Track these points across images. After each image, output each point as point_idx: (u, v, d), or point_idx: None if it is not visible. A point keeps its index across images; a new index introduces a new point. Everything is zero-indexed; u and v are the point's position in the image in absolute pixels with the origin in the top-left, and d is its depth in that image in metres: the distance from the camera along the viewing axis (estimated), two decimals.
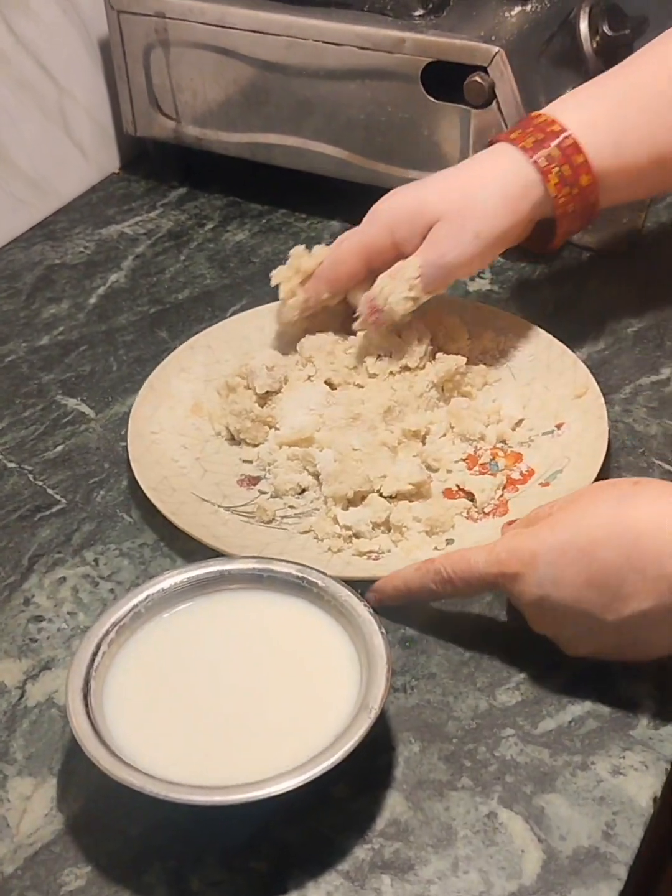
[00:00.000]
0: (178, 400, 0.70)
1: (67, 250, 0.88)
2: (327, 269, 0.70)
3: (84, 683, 0.48)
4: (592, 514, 0.50)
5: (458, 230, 0.66)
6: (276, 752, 0.47)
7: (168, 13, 0.85)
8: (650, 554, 0.48)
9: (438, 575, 0.54)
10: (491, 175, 0.66)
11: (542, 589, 0.51)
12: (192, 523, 0.61)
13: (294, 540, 0.62)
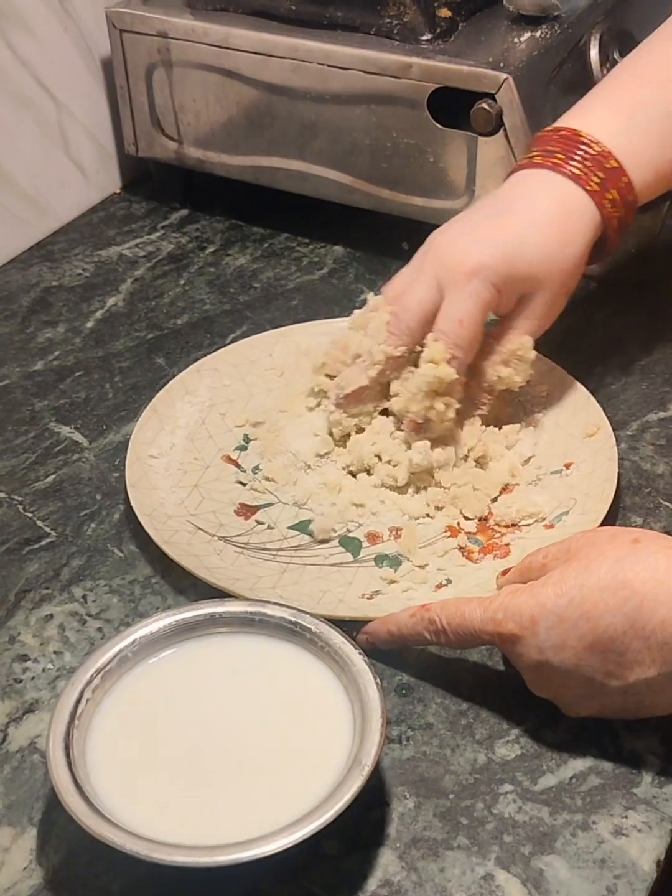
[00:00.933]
0: (181, 424, 0.69)
1: (65, 272, 0.87)
2: (467, 356, 0.64)
3: (66, 732, 0.47)
4: (593, 575, 0.48)
5: (559, 297, 0.65)
6: (266, 808, 0.46)
7: (171, 33, 0.84)
8: (654, 620, 0.46)
9: (433, 624, 0.52)
10: (574, 233, 0.64)
11: (542, 654, 0.49)
12: (184, 553, 0.59)
13: (288, 574, 0.60)
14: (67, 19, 0.87)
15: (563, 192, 0.63)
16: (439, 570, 0.61)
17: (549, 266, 0.63)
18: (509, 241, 0.62)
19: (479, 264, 0.61)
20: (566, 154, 0.64)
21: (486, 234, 0.63)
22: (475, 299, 0.62)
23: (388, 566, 0.61)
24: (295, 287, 0.84)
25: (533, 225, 0.63)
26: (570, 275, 0.65)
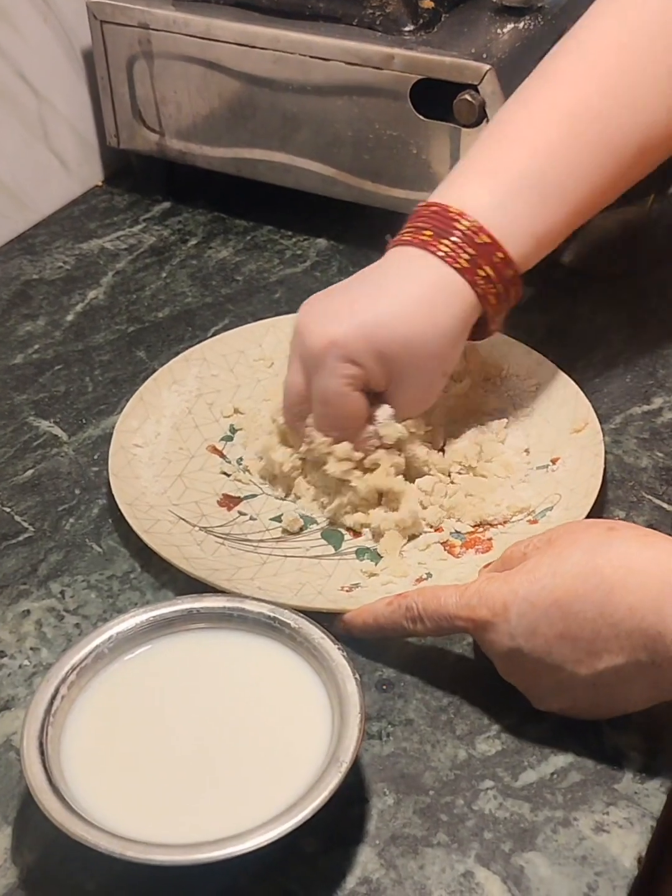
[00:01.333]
0: (167, 413, 0.69)
1: (46, 265, 0.86)
2: (347, 429, 0.61)
3: (41, 729, 0.46)
4: (566, 562, 0.48)
5: (432, 379, 0.62)
6: (243, 806, 0.45)
7: (152, 24, 0.83)
8: (623, 608, 0.46)
9: (410, 611, 0.52)
10: (441, 311, 0.60)
11: (513, 640, 0.48)
12: (163, 543, 0.59)
13: (268, 565, 0.60)
14: (48, 10, 0.86)
15: (431, 272, 0.60)
16: (420, 563, 0.60)
17: (414, 348, 0.59)
18: (368, 317, 0.59)
19: (331, 341, 0.58)
20: (435, 231, 0.60)
21: (345, 310, 0.60)
22: (333, 375, 0.59)
23: (368, 559, 0.61)
24: (278, 280, 0.84)
25: (397, 305, 0.59)
26: (442, 357, 0.61)
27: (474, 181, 0.62)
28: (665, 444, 0.67)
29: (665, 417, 0.69)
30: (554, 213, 0.62)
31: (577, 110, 0.62)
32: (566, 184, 0.62)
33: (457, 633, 0.53)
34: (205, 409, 0.70)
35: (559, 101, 0.63)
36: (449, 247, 0.60)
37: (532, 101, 0.64)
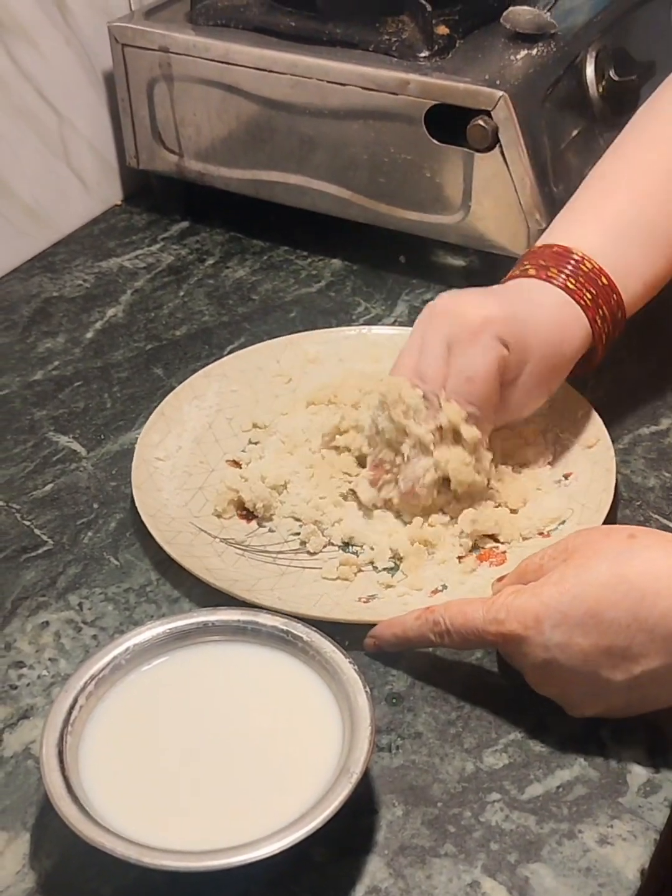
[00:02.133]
0: (188, 427, 0.70)
1: (66, 283, 0.88)
2: (486, 410, 0.62)
3: (60, 738, 0.47)
4: (593, 572, 0.49)
5: (543, 385, 0.65)
6: (256, 815, 0.46)
7: (172, 48, 0.85)
8: (656, 613, 0.47)
9: (437, 626, 0.53)
10: (568, 330, 0.64)
11: (548, 652, 0.50)
12: (185, 554, 0.60)
13: (287, 576, 0.61)
14: (70, 33, 0.88)
15: (559, 300, 0.64)
16: (435, 574, 0.62)
17: (546, 348, 0.63)
18: (517, 309, 0.63)
19: (487, 318, 0.61)
20: (559, 269, 0.64)
21: (492, 300, 0.63)
22: (484, 354, 0.61)
23: (385, 571, 0.62)
24: (293, 299, 0.85)
25: (537, 309, 0.63)
26: (559, 373, 0.65)
27: (589, 224, 0.67)
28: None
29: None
30: (660, 258, 0.67)
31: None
32: (667, 229, 0.66)
33: (484, 647, 0.54)
34: (224, 423, 0.71)
35: (655, 153, 0.68)
36: (574, 283, 0.64)
37: (630, 155, 0.69)
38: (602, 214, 0.67)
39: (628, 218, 0.66)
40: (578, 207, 0.68)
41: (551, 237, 0.67)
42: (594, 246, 0.65)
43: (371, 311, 0.83)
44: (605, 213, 0.67)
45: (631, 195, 0.67)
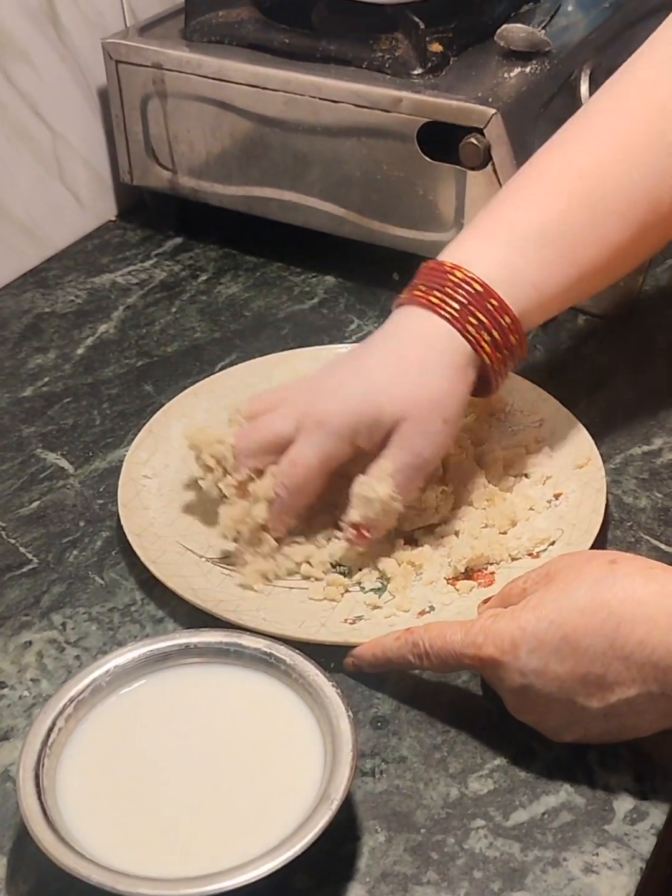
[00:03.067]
0: (176, 445, 0.70)
1: (58, 298, 0.88)
2: (291, 499, 0.61)
3: (37, 761, 0.47)
4: (571, 598, 0.49)
5: (428, 425, 0.60)
6: (235, 841, 0.46)
7: (166, 65, 0.85)
8: (633, 640, 0.47)
9: (416, 647, 0.52)
10: (431, 358, 0.60)
11: (524, 678, 0.49)
12: (170, 574, 0.60)
13: (273, 597, 0.61)
14: (64, 50, 0.88)
15: (422, 324, 0.61)
16: (423, 596, 0.61)
17: (401, 400, 0.60)
18: (358, 387, 0.60)
19: (325, 415, 0.60)
20: (428, 285, 0.62)
21: (339, 383, 0.61)
22: (314, 448, 0.60)
23: (372, 592, 0.61)
24: (285, 316, 0.85)
25: (380, 365, 0.61)
26: (437, 402, 0.60)
27: (476, 238, 0.64)
28: (664, 485, 0.68)
29: (665, 458, 0.70)
30: (558, 270, 0.63)
31: (587, 176, 0.63)
32: (573, 243, 0.62)
33: (462, 670, 0.54)
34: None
35: (570, 167, 0.64)
36: (438, 297, 0.61)
37: (543, 165, 0.65)
38: (495, 227, 0.63)
39: (522, 229, 0.62)
40: (475, 222, 0.65)
41: (447, 253, 0.64)
42: (474, 256, 0.62)
43: (364, 328, 0.83)
44: (498, 226, 0.63)
45: (532, 208, 0.63)
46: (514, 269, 0.62)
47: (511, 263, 0.62)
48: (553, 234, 0.62)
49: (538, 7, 0.90)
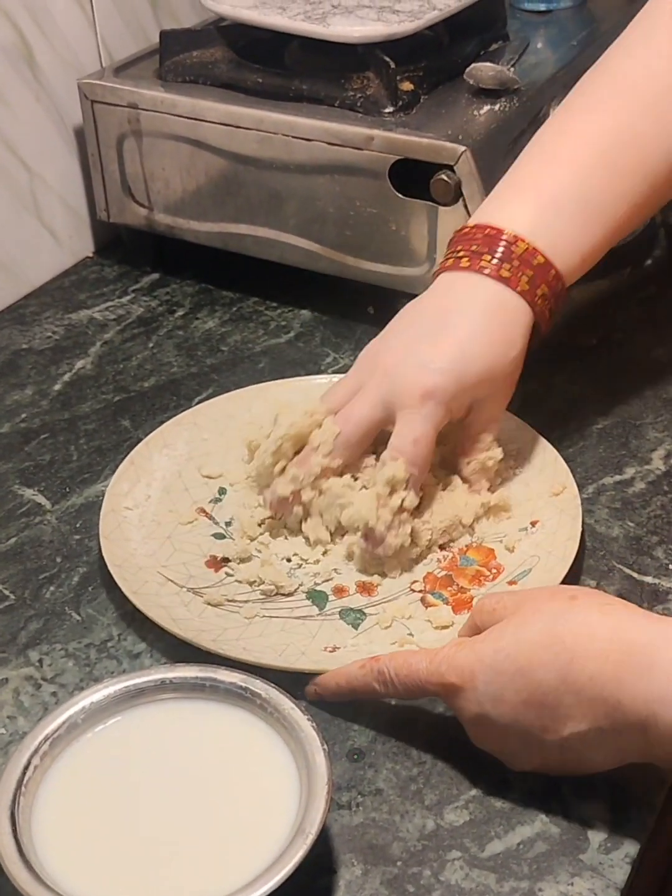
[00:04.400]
0: (158, 476, 0.70)
1: (35, 335, 0.88)
2: (422, 472, 0.64)
3: (12, 800, 0.47)
4: (528, 631, 0.49)
5: (507, 392, 0.68)
6: (210, 877, 0.46)
7: (141, 104, 0.86)
8: (584, 676, 0.47)
9: (381, 675, 0.53)
10: (515, 335, 0.65)
11: (481, 707, 0.50)
12: (151, 604, 0.60)
13: (253, 626, 0.61)
14: (40, 90, 0.89)
15: (496, 297, 0.65)
16: (402, 623, 0.61)
17: (494, 373, 0.65)
18: (456, 360, 0.64)
19: (432, 388, 0.63)
20: (492, 254, 0.65)
21: (432, 356, 0.63)
22: (429, 421, 0.63)
23: (352, 620, 0.62)
24: (262, 350, 0.86)
25: (473, 338, 0.64)
26: (514, 372, 0.67)
27: (518, 200, 0.67)
28: (636, 514, 0.69)
29: (636, 487, 0.71)
30: (595, 230, 0.67)
31: (613, 132, 0.67)
32: (605, 201, 0.66)
33: (427, 696, 0.54)
34: (194, 472, 0.71)
35: (595, 124, 0.67)
36: (509, 270, 0.64)
37: (569, 123, 0.69)
38: (533, 186, 0.67)
39: (559, 189, 0.66)
40: (510, 180, 0.68)
41: (484, 216, 0.67)
42: (526, 223, 0.65)
43: (339, 361, 0.84)
44: (536, 186, 0.67)
45: (566, 167, 0.67)
46: (560, 235, 0.66)
47: (558, 229, 0.66)
48: (589, 194, 0.66)
49: (507, 45, 0.91)
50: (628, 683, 0.46)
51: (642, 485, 0.71)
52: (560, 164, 0.67)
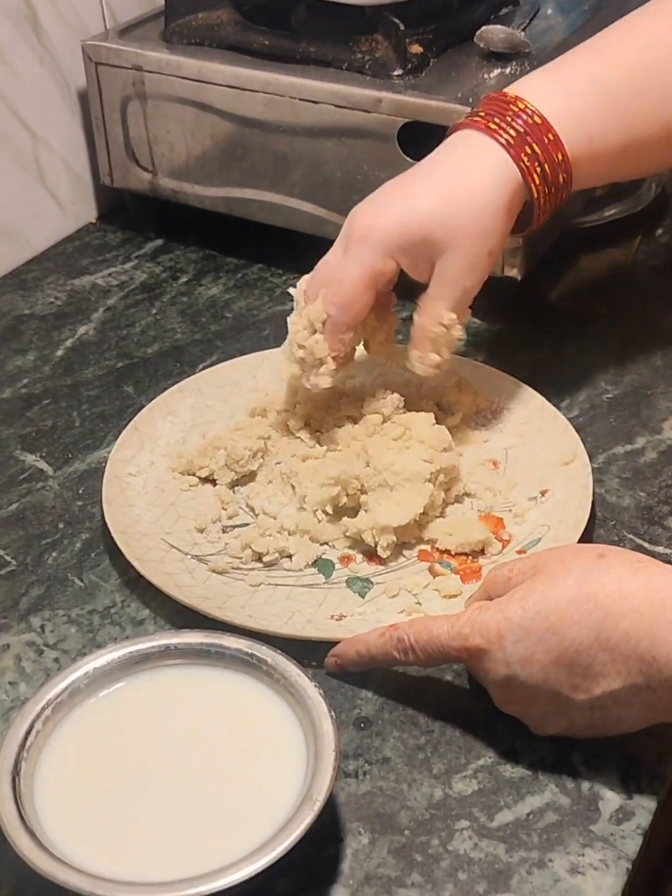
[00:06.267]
0: (162, 443, 0.69)
1: (38, 300, 0.87)
2: (342, 315, 0.63)
3: (14, 765, 0.46)
4: (559, 589, 0.48)
5: (473, 257, 0.62)
6: (215, 844, 0.45)
7: (145, 66, 0.84)
8: (618, 633, 0.46)
9: (401, 643, 0.52)
10: (482, 183, 0.62)
11: (509, 668, 0.49)
12: (155, 570, 0.59)
13: (259, 594, 0.60)
14: (44, 52, 0.88)
15: (475, 146, 0.62)
16: (409, 592, 0.61)
17: (448, 220, 0.61)
18: (406, 205, 0.62)
19: (369, 229, 0.62)
20: (489, 112, 0.63)
21: (387, 200, 0.63)
22: (360, 264, 0.62)
23: (359, 588, 0.61)
24: (266, 317, 0.84)
25: (439, 185, 0.62)
26: (484, 230, 0.62)
27: (542, 78, 0.65)
28: (647, 484, 0.68)
29: (647, 457, 0.70)
30: (612, 122, 0.64)
31: (655, 42, 0.65)
32: (631, 102, 0.64)
33: (449, 662, 0.53)
34: (199, 438, 0.70)
35: (638, 32, 0.66)
36: (496, 123, 0.62)
37: (621, 31, 0.67)
38: (561, 71, 0.65)
39: (586, 77, 0.64)
40: (543, 67, 0.67)
41: (512, 87, 0.65)
42: (537, 92, 0.63)
43: None
44: (565, 70, 0.65)
45: (600, 61, 0.65)
46: (573, 112, 0.63)
47: (572, 106, 0.63)
48: (613, 92, 0.63)
49: (517, 9, 0.90)
50: (662, 639, 0.45)
51: (653, 454, 0.70)
52: (595, 59, 0.65)
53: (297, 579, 0.62)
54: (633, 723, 0.49)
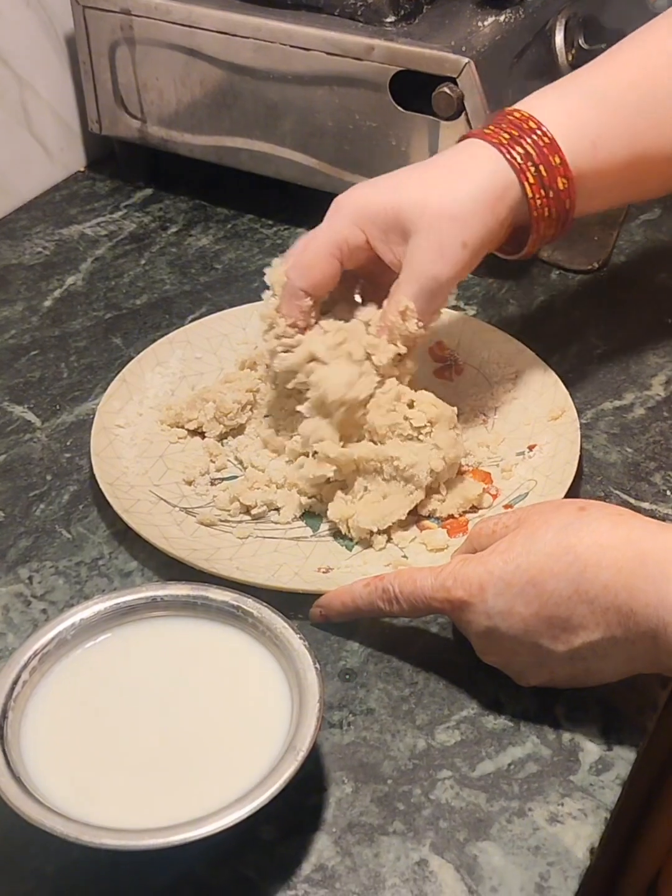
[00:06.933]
0: (150, 395, 0.69)
1: (25, 250, 0.86)
2: (298, 279, 0.62)
3: (1, 714, 0.46)
4: (539, 542, 0.49)
5: (444, 242, 0.59)
6: (200, 792, 0.45)
7: (134, 10, 0.83)
8: (597, 585, 0.47)
9: (386, 593, 0.52)
10: (466, 174, 0.60)
11: (490, 620, 0.49)
12: (143, 522, 0.60)
13: (246, 546, 0.61)
14: None
15: (466, 148, 0.62)
16: (396, 545, 0.61)
17: (424, 205, 0.59)
18: (388, 185, 0.62)
19: (345, 202, 0.62)
20: (495, 124, 0.62)
21: (374, 182, 0.63)
22: (327, 232, 0.61)
23: (345, 541, 0.61)
24: (256, 269, 0.84)
25: (422, 172, 0.62)
26: (461, 220, 0.59)
27: (549, 89, 0.64)
28: (635, 440, 0.68)
29: (636, 413, 0.70)
30: (617, 132, 0.62)
31: (659, 53, 0.64)
32: (636, 114, 0.62)
33: (433, 613, 0.54)
34: (188, 391, 0.70)
35: (641, 47, 0.65)
36: (492, 129, 0.61)
37: (614, 51, 0.66)
38: (564, 85, 0.64)
39: (589, 86, 0.63)
40: (556, 82, 0.65)
41: (521, 103, 0.64)
42: (538, 102, 0.63)
43: None
44: (579, 86, 0.64)
45: (612, 72, 0.64)
46: (576, 120, 0.62)
47: (570, 110, 0.62)
48: (616, 102, 0.62)
49: None
50: (641, 591, 0.45)
51: (642, 410, 0.70)
52: (601, 75, 0.64)
53: (284, 532, 0.62)
54: (612, 674, 0.50)
